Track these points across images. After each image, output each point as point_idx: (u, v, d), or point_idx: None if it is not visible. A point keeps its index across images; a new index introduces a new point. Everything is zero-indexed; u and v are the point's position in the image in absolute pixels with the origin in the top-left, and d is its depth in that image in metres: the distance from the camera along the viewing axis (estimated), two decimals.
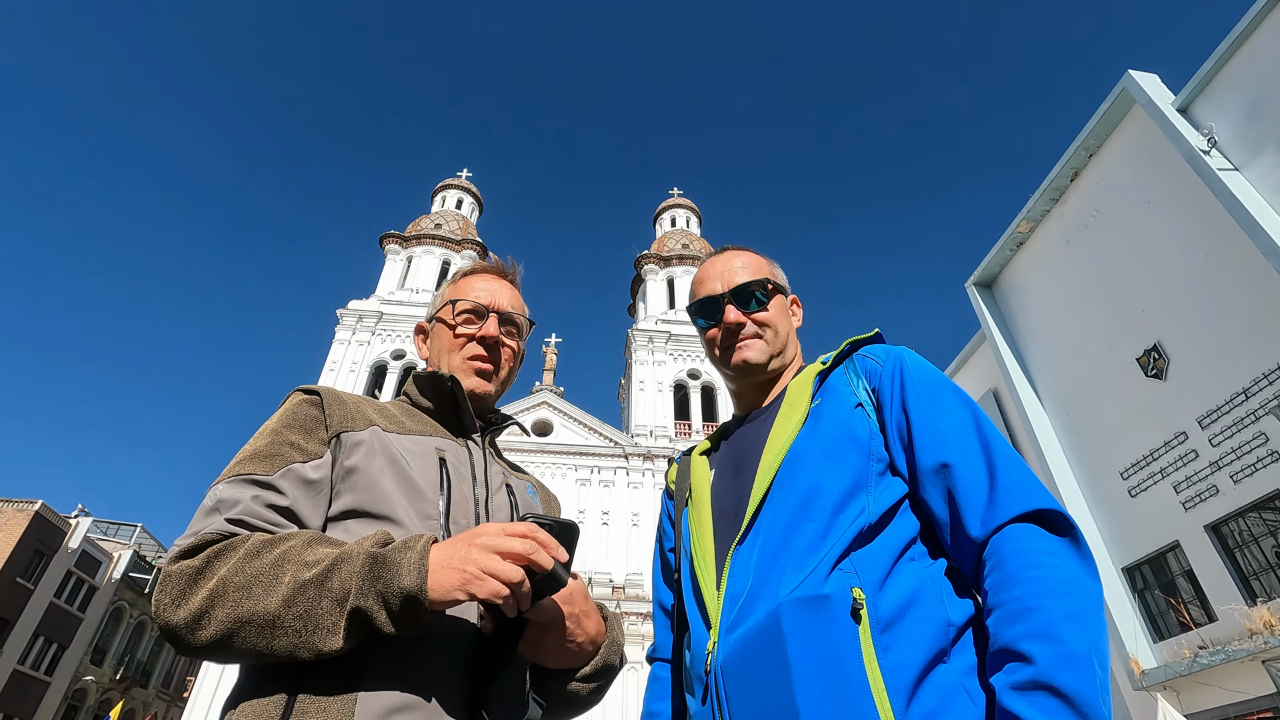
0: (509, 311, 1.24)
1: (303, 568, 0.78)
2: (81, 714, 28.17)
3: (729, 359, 1.20)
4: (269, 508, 0.88)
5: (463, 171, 38.64)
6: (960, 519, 0.89)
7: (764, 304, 1.21)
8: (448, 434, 1.13)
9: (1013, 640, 0.76)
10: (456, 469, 1.06)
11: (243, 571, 0.78)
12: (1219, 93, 11.78)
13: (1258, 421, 10.47)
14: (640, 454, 26.95)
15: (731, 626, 0.91)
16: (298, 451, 0.94)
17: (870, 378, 1.06)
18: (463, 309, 1.22)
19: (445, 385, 1.15)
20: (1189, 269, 11.72)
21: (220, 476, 0.91)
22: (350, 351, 28.40)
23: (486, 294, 1.24)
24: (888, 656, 0.81)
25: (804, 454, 0.99)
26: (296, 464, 0.93)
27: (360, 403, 1.08)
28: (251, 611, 0.75)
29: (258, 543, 0.82)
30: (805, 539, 0.91)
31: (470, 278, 1.29)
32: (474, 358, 1.19)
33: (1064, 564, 0.81)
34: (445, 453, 1.07)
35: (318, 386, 1.06)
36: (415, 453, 1.03)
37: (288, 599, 0.75)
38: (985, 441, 0.93)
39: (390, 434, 1.04)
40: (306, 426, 0.98)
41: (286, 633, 0.75)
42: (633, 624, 22.78)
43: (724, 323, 1.20)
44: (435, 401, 1.16)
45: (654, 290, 34.73)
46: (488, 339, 1.20)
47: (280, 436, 0.96)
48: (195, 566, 0.80)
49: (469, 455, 1.11)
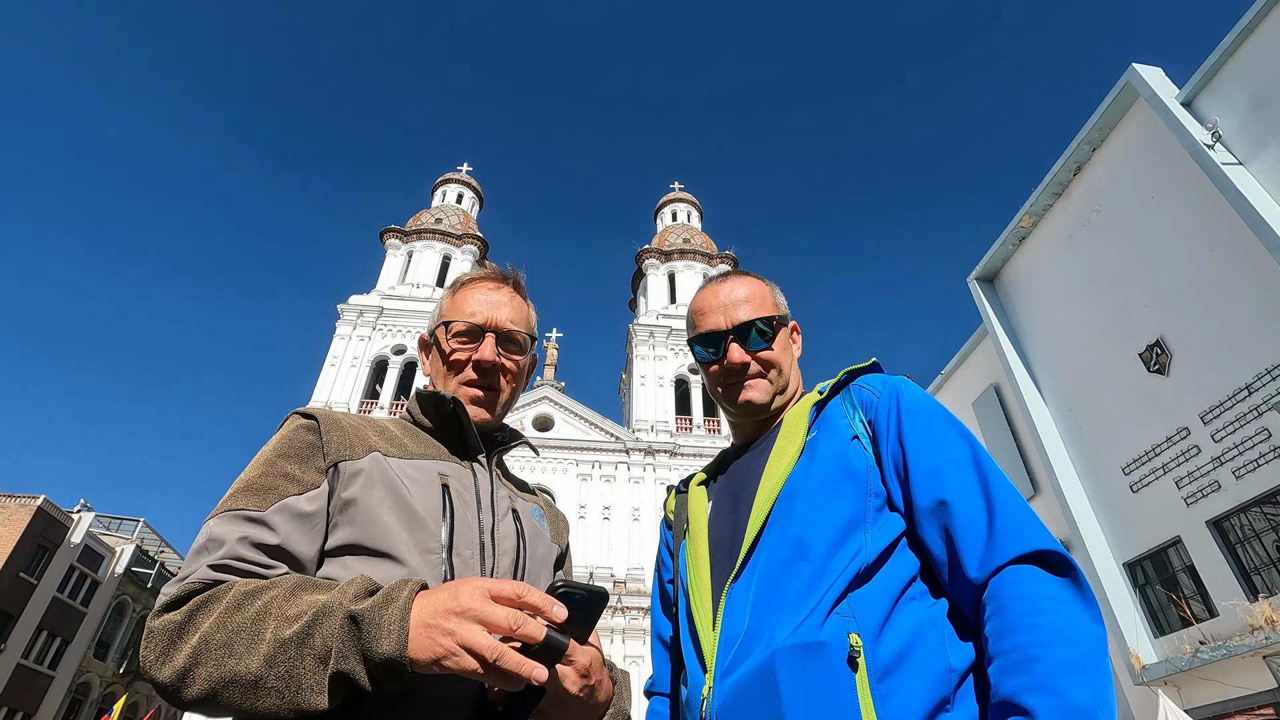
0: (508, 329, 1.15)
1: (284, 623, 0.74)
2: (85, 708, 28.36)
3: (732, 398, 1.16)
4: (257, 547, 0.84)
5: (463, 166, 38.61)
6: (958, 559, 0.86)
7: (768, 341, 1.16)
8: (451, 456, 1.08)
9: (1014, 693, 0.74)
10: (460, 495, 1.02)
11: (224, 627, 0.75)
12: (1224, 86, 11.69)
13: (1260, 417, 10.43)
14: (641, 449, 26.98)
15: (727, 671, 0.89)
16: (292, 483, 0.91)
17: (867, 409, 1.04)
18: (457, 330, 1.14)
19: (447, 407, 1.09)
20: (1192, 264, 11.66)
21: (214, 511, 0.88)
22: (351, 346, 28.42)
23: (484, 309, 1.15)
24: (885, 707, 0.79)
25: (799, 489, 0.97)
26: (290, 497, 0.89)
27: (359, 426, 1.04)
28: (234, 672, 0.72)
29: (240, 593, 0.78)
30: (801, 579, 0.89)
31: (467, 290, 1.19)
32: (468, 383, 1.12)
33: (1065, 609, 0.78)
34: (449, 478, 1.02)
35: (315, 410, 1.01)
36: (417, 479, 0.99)
37: (269, 658, 0.72)
38: (984, 478, 0.90)
39: (391, 459, 1.00)
40: (302, 455, 0.94)
41: (270, 693, 0.72)
42: (634, 618, 22.88)
43: (727, 362, 1.15)
44: (437, 422, 1.11)
45: (655, 285, 34.68)
46: (483, 364, 1.12)
47: (274, 467, 0.92)
48: (178, 621, 0.77)
49: (474, 479, 1.07)
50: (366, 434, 1.02)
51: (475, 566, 0.97)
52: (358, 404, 27.05)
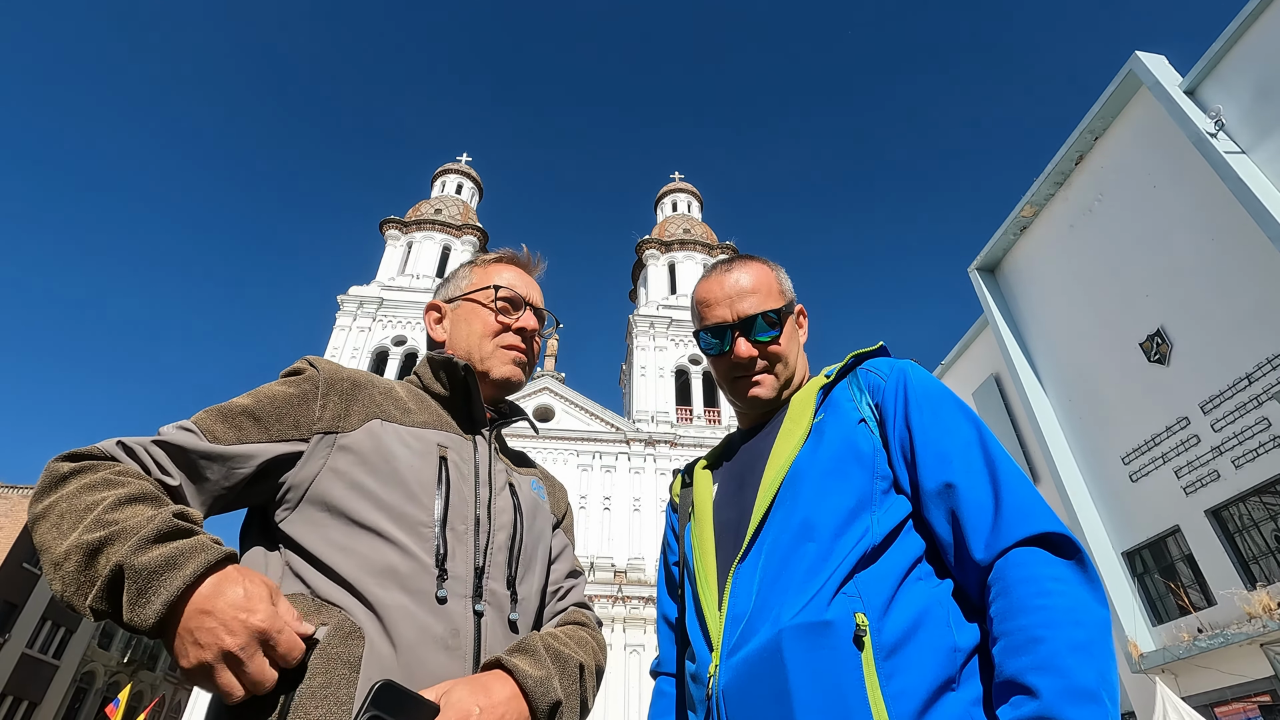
0: (542, 308, 1.24)
1: (95, 526, 0.73)
2: (89, 696, 28.54)
3: (740, 393, 1.16)
4: (175, 455, 0.86)
5: (462, 156, 38.41)
6: (964, 541, 0.87)
7: (775, 333, 1.14)
8: (455, 427, 1.08)
9: (1018, 672, 0.75)
10: (458, 467, 1.01)
11: (70, 500, 0.76)
12: (1227, 74, 11.62)
13: (1260, 406, 10.45)
14: (642, 439, 27.02)
15: (733, 650, 0.89)
16: (260, 428, 0.91)
17: (873, 392, 1.04)
18: (505, 295, 1.19)
19: (459, 373, 1.10)
20: (1194, 253, 11.63)
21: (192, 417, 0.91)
22: (351, 338, 28.40)
23: (523, 285, 1.23)
24: (891, 684, 0.79)
25: (806, 471, 0.97)
26: (251, 444, 0.90)
27: (367, 386, 1.03)
28: (46, 544, 0.74)
29: (102, 478, 0.78)
30: (807, 560, 0.89)
31: (501, 265, 1.25)
32: (511, 346, 1.17)
33: (1071, 590, 0.79)
34: (448, 449, 1.02)
35: (322, 366, 1.01)
36: (414, 448, 0.98)
37: (68, 551, 0.72)
38: (990, 460, 0.91)
39: (390, 424, 0.99)
40: (291, 406, 0.95)
41: (59, 579, 0.72)
42: (634, 608, 22.98)
43: (735, 357, 1.14)
44: (447, 389, 1.11)
45: (655, 275, 34.60)
46: (527, 330, 1.19)
47: (256, 404, 0.93)
48: (60, 473, 0.79)
49: (474, 451, 1.06)
50: (371, 396, 1.02)
51: (469, 541, 0.96)
52: None
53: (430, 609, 0.87)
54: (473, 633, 0.89)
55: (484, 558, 0.96)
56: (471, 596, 0.92)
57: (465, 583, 0.92)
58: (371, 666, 0.80)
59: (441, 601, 0.88)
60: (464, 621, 0.89)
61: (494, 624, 0.93)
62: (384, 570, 0.87)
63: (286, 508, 0.92)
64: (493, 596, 0.95)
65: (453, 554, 0.93)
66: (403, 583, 0.87)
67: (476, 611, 0.91)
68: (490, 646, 0.91)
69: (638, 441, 27.02)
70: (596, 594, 22.81)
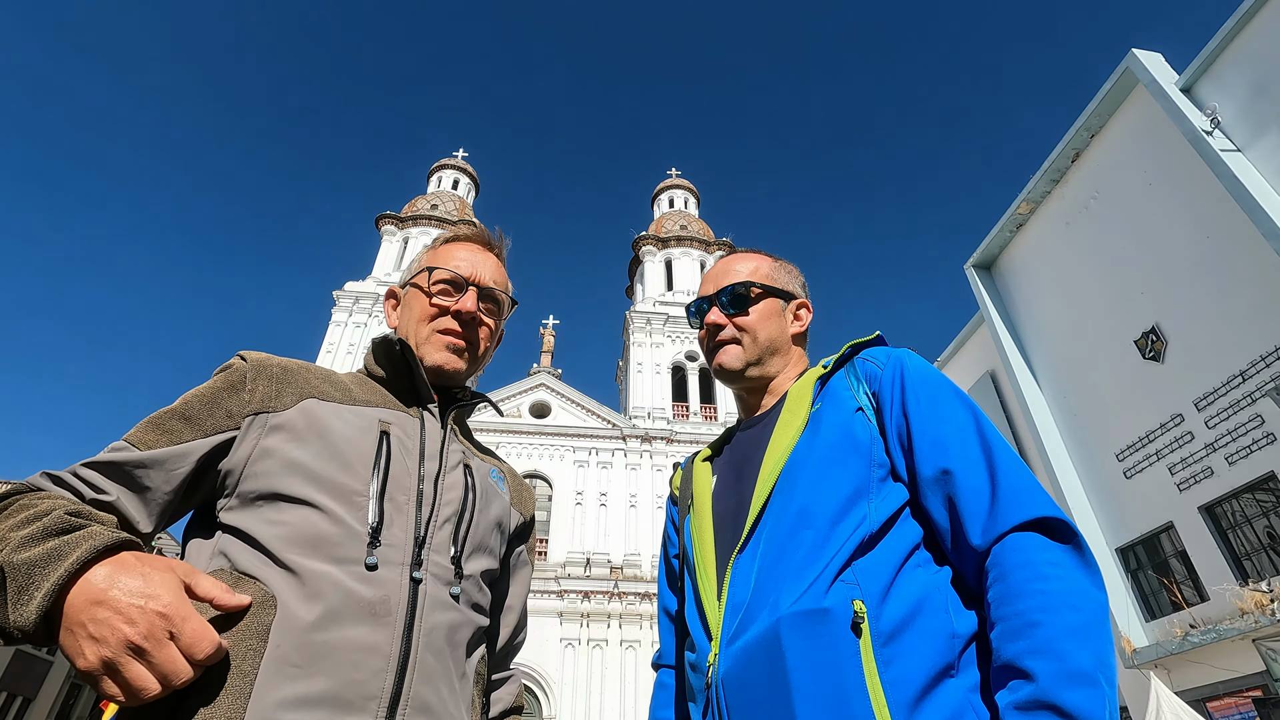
0: (490, 287, 1.15)
1: None
2: (84, 692, 28.52)
3: (711, 362, 1.22)
4: (95, 485, 0.83)
5: (459, 152, 38.33)
6: (961, 527, 0.87)
7: (744, 307, 1.19)
8: (399, 405, 1.05)
9: (1015, 657, 0.75)
10: (400, 441, 0.98)
11: None
12: (1223, 72, 11.66)
13: (1254, 404, 10.51)
14: (638, 436, 27.05)
15: (732, 639, 0.89)
16: (191, 428, 0.90)
17: (871, 381, 1.04)
18: (440, 278, 1.13)
19: (395, 350, 1.07)
20: (1189, 251, 11.69)
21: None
22: (347, 334, 28.37)
23: (468, 265, 1.15)
24: (890, 671, 0.79)
25: (804, 460, 0.97)
26: (185, 443, 0.89)
27: (298, 372, 1.01)
28: None
29: (15, 507, 0.75)
30: (805, 548, 0.89)
31: (452, 245, 1.19)
32: (446, 331, 1.11)
33: (1068, 575, 0.79)
34: (390, 425, 0.99)
35: (250, 356, 1.00)
36: (352, 423, 0.96)
37: None
38: (987, 446, 0.91)
39: (329, 403, 0.98)
40: (216, 399, 0.94)
41: None
42: (630, 603, 23.02)
43: (706, 324, 1.21)
44: (388, 370, 1.09)
45: (652, 272, 34.61)
46: (464, 314, 1.11)
47: (186, 407, 0.92)
48: None
49: (420, 428, 1.03)
50: (306, 379, 1.00)
51: (410, 513, 0.93)
52: None
53: (358, 576, 0.85)
54: (406, 601, 0.86)
55: (426, 530, 0.94)
56: (409, 565, 0.89)
57: (403, 550, 0.90)
58: (280, 634, 0.78)
59: (371, 568, 0.86)
60: (396, 590, 0.86)
61: (433, 594, 0.90)
62: (310, 539, 0.85)
63: (225, 495, 0.90)
64: (436, 568, 0.92)
65: (390, 522, 0.91)
66: (330, 551, 0.85)
67: (414, 578, 0.88)
68: (427, 615, 0.88)
69: (634, 438, 27.05)
70: (593, 590, 22.85)
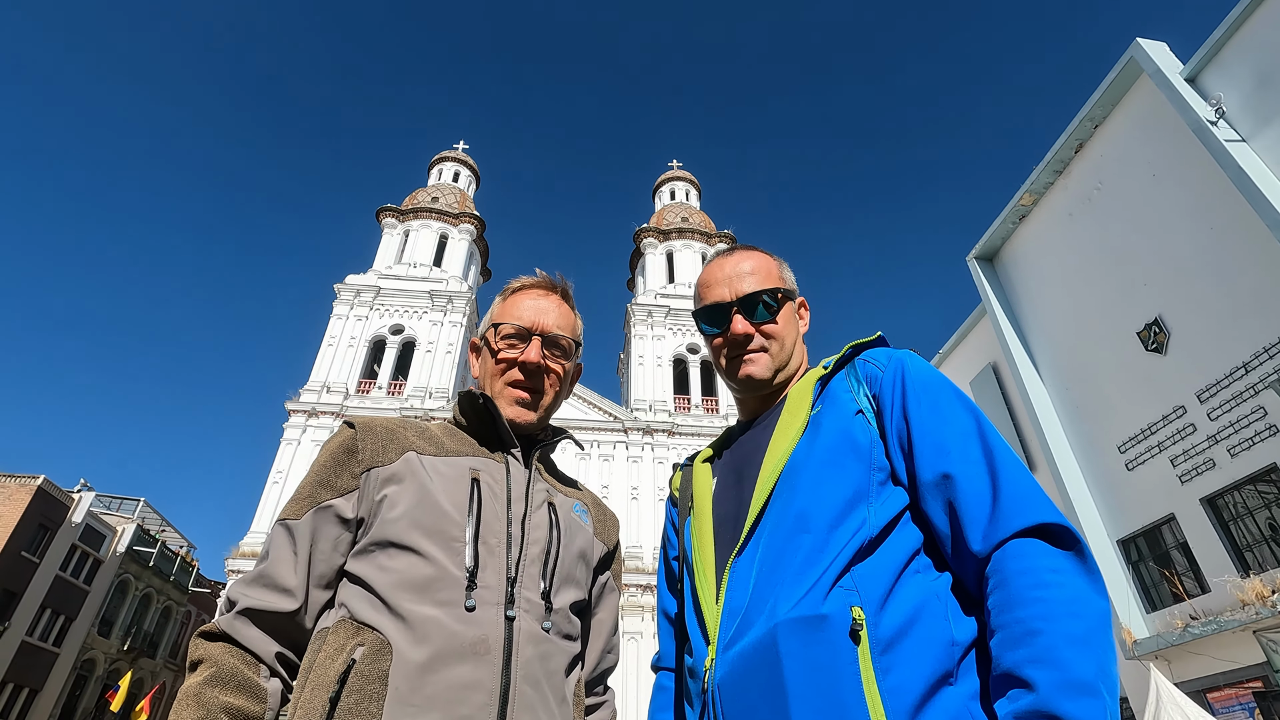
0: (554, 333, 1.21)
1: None
2: (90, 684, 28.69)
3: (734, 372, 1.16)
4: (269, 587, 0.97)
5: (459, 144, 38.21)
6: (962, 533, 0.85)
7: (773, 315, 1.14)
8: (485, 452, 1.13)
9: (1015, 665, 0.74)
10: (490, 487, 1.07)
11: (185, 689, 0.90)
12: (1228, 62, 11.54)
13: (1257, 396, 10.47)
14: (639, 428, 27.08)
15: (730, 643, 0.89)
16: (327, 489, 1.02)
17: (871, 383, 1.02)
18: (505, 333, 1.20)
19: (478, 403, 1.16)
20: (1193, 242, 11.61)
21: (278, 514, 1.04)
22: (349, 326, 28.36)
23: (531, 313, 1.21)
24: (888, 679, 0.78)
25: (803, 463, 0.96)
26: (325, 502, 1.01)
27: (397, 429, 1.11)
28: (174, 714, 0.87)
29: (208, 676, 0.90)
30: (803, 553, 0.88)
31: (517, 295, 1.25)
32: (514, 384, 1.18)
33: (1069, 582, 0.77)
34: (480, 472, 1.08)
35: (356, 419, 1.11)
36: (447, 475, 1.05)
37: None
38: (989, 450, 0.89)
39: (426, 457, 1.07)
40: (339, 462, 1.05)
41: None
42: (631, 595, 23.13)
43: (730, 334, 1.14)
44: (473, 420, 1.17)
45: (653, 264, 34.52)
46: (528, 365, 1.17)
47: (316, 476, 1.04)
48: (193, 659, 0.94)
49: (506, 473, 1.11)
50: (404, 436, 1.10)
51: (501, 555, 1.01)
52: (355, 384, 27.05)
53: (459, 618, 0.93)
54: (503, 638, 0.94)
55: (517, 569, 1.02)
56: (504, 604, 0.97)
57: (497, 591, 0.98)
58: (398, 677, 0.87)
59: (470, 610, 0.94)
60: (494, 628, 0.94)
61: (527, 629, 0.98)
62: (417, 584, 0.94)
63: (354, 551, 1.01)
64: (528, 605, 1.00)
65: (484, 566, 0.99)
66: (434, 595, 0.94)
67: (508, 617, 0.96)
68: (522, 649, 0.95)
69: (635, 430, 27.09)
70: None
